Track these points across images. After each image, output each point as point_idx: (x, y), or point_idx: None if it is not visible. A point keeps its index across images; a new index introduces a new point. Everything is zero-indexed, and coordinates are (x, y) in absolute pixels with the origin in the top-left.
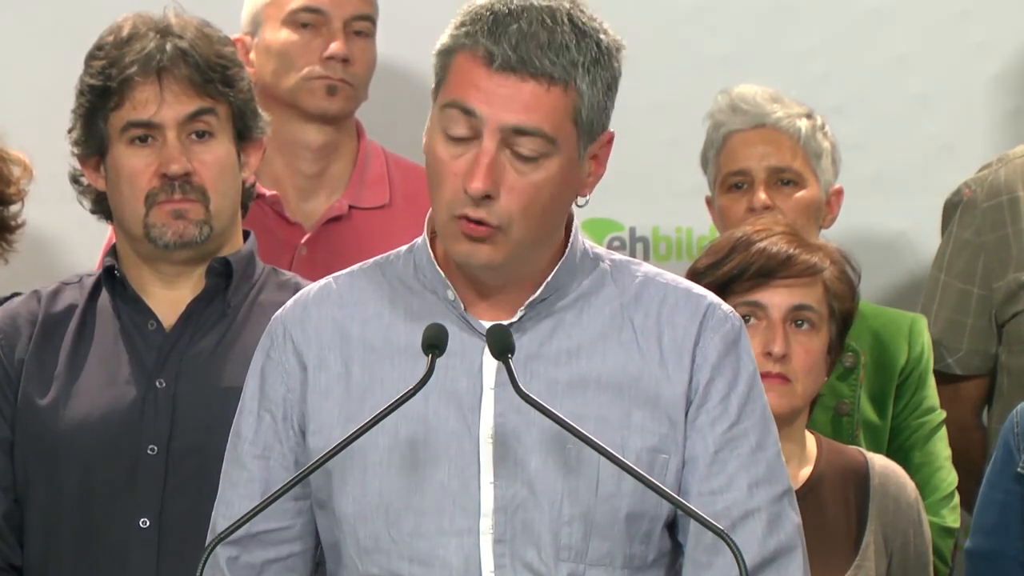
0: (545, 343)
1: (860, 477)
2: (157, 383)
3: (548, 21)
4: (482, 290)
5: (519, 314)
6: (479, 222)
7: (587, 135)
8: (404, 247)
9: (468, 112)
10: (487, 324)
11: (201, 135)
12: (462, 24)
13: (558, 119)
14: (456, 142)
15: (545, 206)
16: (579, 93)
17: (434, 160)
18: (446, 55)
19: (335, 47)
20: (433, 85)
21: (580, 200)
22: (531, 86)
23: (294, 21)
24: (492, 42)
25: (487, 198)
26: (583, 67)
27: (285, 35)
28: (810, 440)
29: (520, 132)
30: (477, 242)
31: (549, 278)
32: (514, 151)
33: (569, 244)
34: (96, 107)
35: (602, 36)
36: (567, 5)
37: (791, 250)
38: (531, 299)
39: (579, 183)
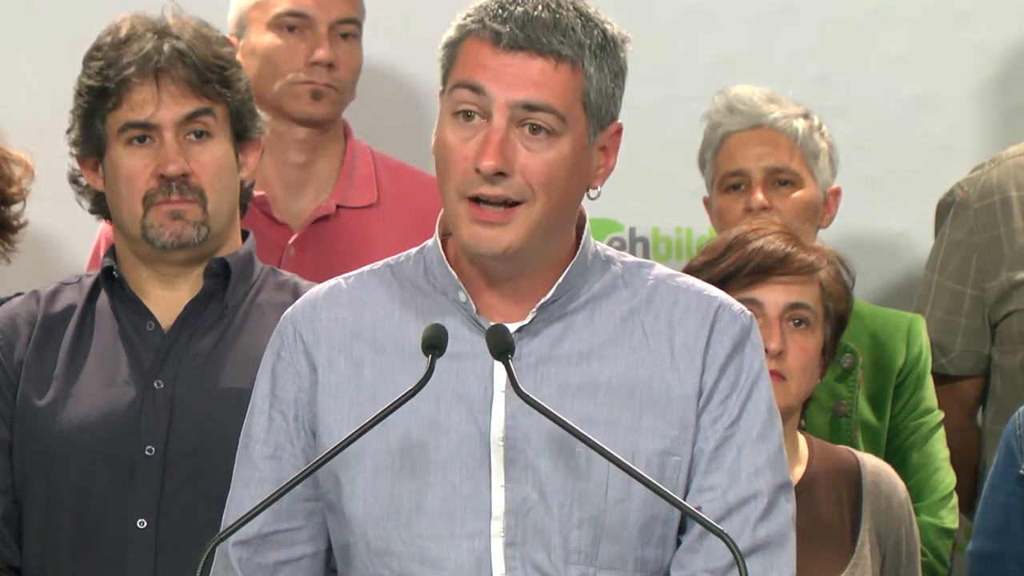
0: (556, 346)
1: (852, 476)
2: (155, 384)
3: (553, 5)
4: (493, 292)
5: (530, 316)
6: (497, 203)
7: (596, 121)
8: (414, 249)
9: (477, 90)
10: None
11: (199, 136)
12: (467, 16)
13: (567, 98)
14: (466, 124)
15: (561, 186)
16: (587, 76)
17: (443, 147)
18: (452, 46)
19: (320, 53)
20: (440, 85)
21: (592, 192)
22: (539, 63)
23: (279, 25)
24: (498, 23)
25: (501, 175)
26: (590, 50)
27: (270, 39)
28: (801, 440)
29: (530, 108)
30: (492, 226)
31: (561, 279)
32: (524, 128)
33: (580, 245)
34: (94, 108)
35: (607, 26)
36: None
37: (788, 248)
38: (543, 301)
39: (589, 173)
